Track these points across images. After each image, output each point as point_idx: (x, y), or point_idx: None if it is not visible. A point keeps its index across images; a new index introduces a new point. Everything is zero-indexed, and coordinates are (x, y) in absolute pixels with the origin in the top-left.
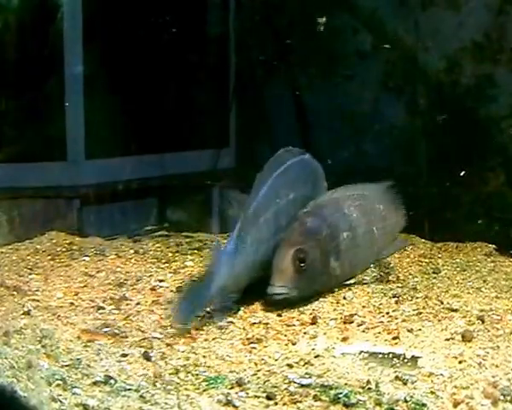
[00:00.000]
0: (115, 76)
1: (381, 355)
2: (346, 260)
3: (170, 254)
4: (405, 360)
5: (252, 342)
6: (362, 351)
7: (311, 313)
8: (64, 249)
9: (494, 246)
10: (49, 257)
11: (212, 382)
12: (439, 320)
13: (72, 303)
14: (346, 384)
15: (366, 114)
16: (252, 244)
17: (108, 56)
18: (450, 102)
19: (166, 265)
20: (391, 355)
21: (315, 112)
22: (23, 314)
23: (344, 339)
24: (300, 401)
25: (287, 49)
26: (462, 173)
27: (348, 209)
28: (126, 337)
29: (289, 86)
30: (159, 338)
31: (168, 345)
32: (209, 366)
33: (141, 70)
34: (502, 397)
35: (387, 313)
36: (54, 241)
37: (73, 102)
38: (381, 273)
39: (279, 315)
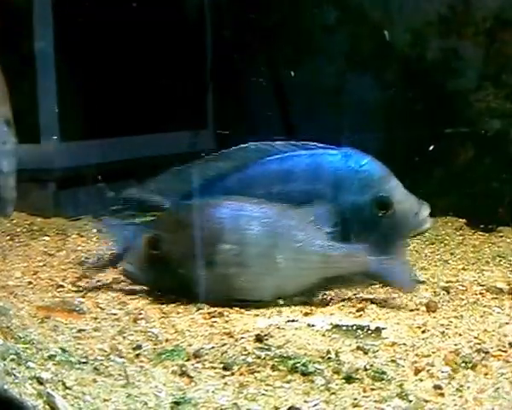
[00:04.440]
0: (89, 57)
1: (344, 327)
2: (222, 276)
3: None
4: (369, 332)
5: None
6: (325, 324)
7: None
8: (24, 230)
9: (464, 220)
10: (8, 237)
11: (168, 354)
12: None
13: (30, 282)
14: (305, 355)
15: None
16: None
17: (83, 40)
18: (417, 77)
19: None
20: (355, 327)
21: (291, 88)
22: None
23: (308, 313)
24: (258, 372)
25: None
26: (431, 148)
27: (247, 223)
28: (84, 314)
29: (265, 65)
30: (115, 314)
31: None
32: (167, 340)
33: (117, 52)
34: (463, 364)
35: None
36: (14, 221)
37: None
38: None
39: None
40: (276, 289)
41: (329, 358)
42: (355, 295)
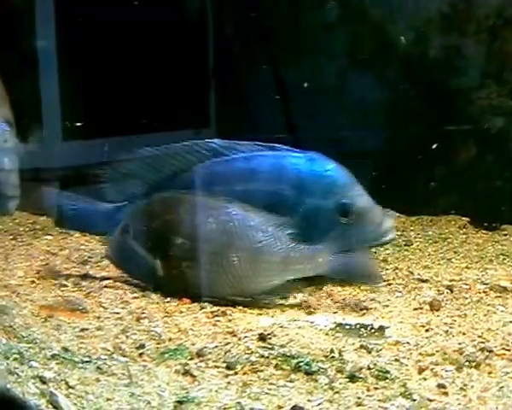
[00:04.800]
0: (90, 57)
1: (348, 326)
2: (177, 269)
3: None
4: (373, 330)
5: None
6: (328, 322)
7: None
8: (27, 229)
9: (467, 219)
10: (11, 236)
11: (171, 353)
12: (409, 291)
13: (33, 281)
14: (308, 354)
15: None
16: None
17: (84, 39)
18: (419, 75)
19: None
20: (358, 326)
21: (292, 86)
22: None
23: (311, 312)
24: (261, 371)
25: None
26: (433, 146)
27: (204, 219)
28: (87, 313)
29: (267, 63)
30: (118, 313)
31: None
32: (170, 339)
33: (118, 51)
34: (467, 363)
35: (356, 285)
36: (16, 221)
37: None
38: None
39: None
40: (230, 287)
41: (333, 357)
42: (358, 293)
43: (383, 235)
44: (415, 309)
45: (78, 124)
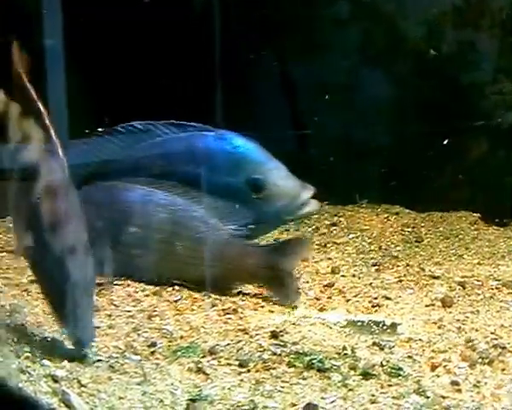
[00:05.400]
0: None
1: (359, 323)
2: (127, 256)
3: None
4: (384, 327)
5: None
6: (340, 319)
7: None
8: None
9: (479, 215)
10: None
11: (183, 351)
12: (420, 288)
13: None
14: (321, 351)
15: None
16: None
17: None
18: (432, 70)
19: None
20: (370, 323)
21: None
22: None
23: (322, 308)
24: (274, 368)
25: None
26: (445, 142)
27: (154, 208)
28: (98, 311)
29: (274, 60)
30: (129, 311)
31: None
32: (182, 337)
33: (124, 50)
34: (479, 360)
35: (368, 282)
36: None
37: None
38: None
39: None
40: (175, 273)
41: (345, 354)
42: (369, 290)
43: (300, 208)
44: (427, 306)
45: (87, 122)
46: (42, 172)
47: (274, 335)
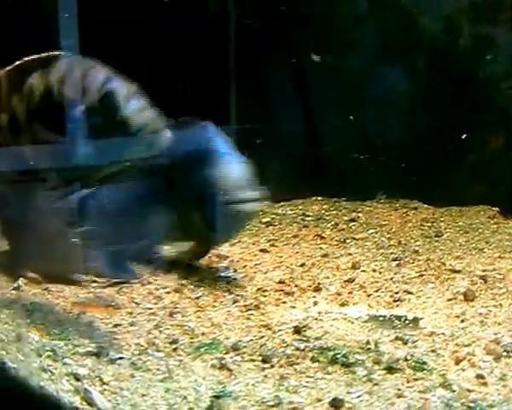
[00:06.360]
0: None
1: (381, 318)
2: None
3: None
4: (407, 322)
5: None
6: (362, 314)
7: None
8: None
9: (497, 209)
10: None
11: (206, 348)
12: (441, 282)
13: None
14: (344, 346)
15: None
16: None
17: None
18: (449, 65)
19: None
20: (392, 317)
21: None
22: (13, 290)
23: (343, 303)
24: (298, 364)
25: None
26: (463, 137)
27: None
28: (119, 309)
29: (288, 56)
30: (150, 308)
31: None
32: (203, 333)
33: (139, 48)
34: (504, 353)
35: (389, 277)
36: None
37: None
38: None
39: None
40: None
41: (369, 348)
42: (391, 285)
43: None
44: (448, 300)
45: None
46: None
47: (297, 330)
